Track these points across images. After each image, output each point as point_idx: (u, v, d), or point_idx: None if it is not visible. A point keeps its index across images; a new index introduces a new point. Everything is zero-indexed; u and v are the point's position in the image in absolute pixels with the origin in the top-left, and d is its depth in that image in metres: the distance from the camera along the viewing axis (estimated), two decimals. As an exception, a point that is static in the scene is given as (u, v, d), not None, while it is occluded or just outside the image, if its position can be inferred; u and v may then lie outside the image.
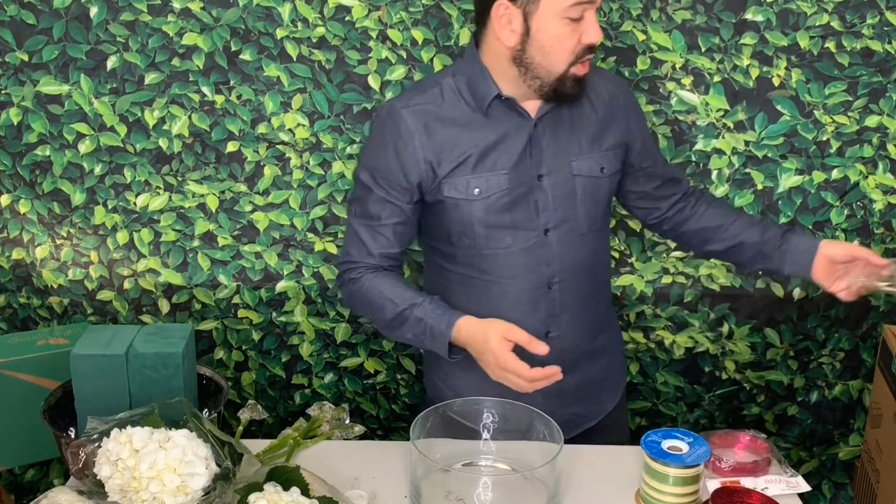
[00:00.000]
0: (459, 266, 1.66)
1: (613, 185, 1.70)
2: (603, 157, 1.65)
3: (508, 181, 1.59)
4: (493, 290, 1.64)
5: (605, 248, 1.77)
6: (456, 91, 1.61)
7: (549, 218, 1.62)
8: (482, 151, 1.59)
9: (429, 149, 1.59)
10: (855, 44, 1.94)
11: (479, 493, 1.40)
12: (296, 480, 1.38)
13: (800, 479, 1.55)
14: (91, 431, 1.41)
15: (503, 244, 1.61)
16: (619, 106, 1.69)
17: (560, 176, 1.62)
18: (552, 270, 1.63)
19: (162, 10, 1.93)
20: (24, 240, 2.08)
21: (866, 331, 2.16)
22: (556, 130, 1.62)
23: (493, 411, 1.56)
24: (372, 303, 1.63)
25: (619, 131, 1.68)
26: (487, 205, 1.59)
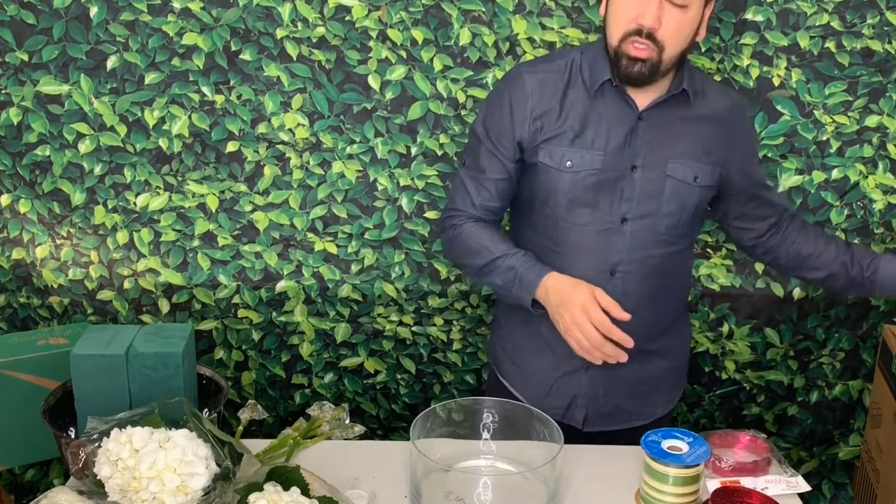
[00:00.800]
0: (537, 234, 1.72)
1: (704, 198, 1.69)
2: (700, 167, 1.66)
3: (602, 162, 1.64)
4: (562, 264, 1.66)
5: (683, 256, 1.76)
6: (579, 68, 1.67)
7: (629, 208, 1.65)
8: (584, 128, 1.64)
9: (538, 111, 1.66)
10: (855, 44, 1.94)
11: (479, 493, 1.40)
12: (296, 480, 1.38)
13: (800, 479, 1.55)
14: (91, 431, 1.41)
15: (580, 221, 1.66)
16: (730, 125, 1.70)
17: (653, 172, 1.64)
18: (619, 258, 1.66)
19: (162, 10, 1.93)
20: (24, 240, 2.08)
21: (866, 331, 2.16)
22: (661, 128, 1.65)
23: (493, 411, 1.56)
24: (469, 248, 1.70)
25: (723, 148, 1.68)
26: (575, 179, 1.64)
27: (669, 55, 1.56)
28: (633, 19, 1.54)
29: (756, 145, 1.84)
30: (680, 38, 1.56)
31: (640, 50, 1.55)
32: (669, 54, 1.56)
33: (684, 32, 1.56)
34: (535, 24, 1.94)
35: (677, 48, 1.57)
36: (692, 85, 1.66)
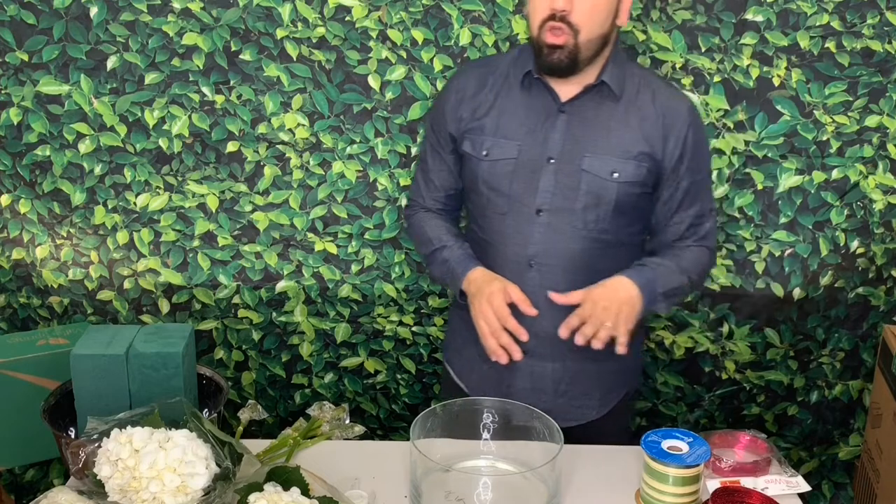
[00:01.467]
0: (471, 221, 1.79)
1: (625, 193, 1.64)
2: (621, 163, 1.63)
3: (518, 152, 1.66)
4: (489, 251, 1.72)
5: (622, 252, 1.70)
6: (512, 62, 1.71)
7: (544, 200, 1.65)
8: (505, 118, 1.68)
9: (466, 105, 1.72)
10: (855, 44, 1.94)
11: (479, 493, 1.40)
12: (296, 480, 1.38)
13: (800, 479, 1.55)
14: (91, 431, 1.41)
15: (500, 210, 1.68)
16: (667, 127, 1.64)
17: (569, 165, 1.64)
18: (535, 250, 1.67)
19: (162, 10, 1.93)
20: (24, 240, 2.08)
21: (866, 331, 2.16)
22: (583, 122, 1.64)
23: (493, 411, 1.56)
24: (417, 238, 1.83)
25: (653, 146, 1.64)
26: (492, 168, 1.68)
27: (586, 38, 1.56)
28: (547, 5, 1.55)
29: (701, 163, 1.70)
30: (595, 19, 1.55)
31: (557, 35, 1.56)
32: (586, 37, 1.56)
33: (599, 14, 1.56)
34: (535, 24, 1.94)
35: (593, 30, 1.56)
36: (619, 79, 1.64)
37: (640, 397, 2.21)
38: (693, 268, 1.71)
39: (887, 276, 2.12)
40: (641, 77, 1.68)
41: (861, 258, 2.08)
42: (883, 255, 2.09)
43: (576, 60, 1.58)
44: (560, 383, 1.74)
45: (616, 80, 1.64)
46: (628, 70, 1.67)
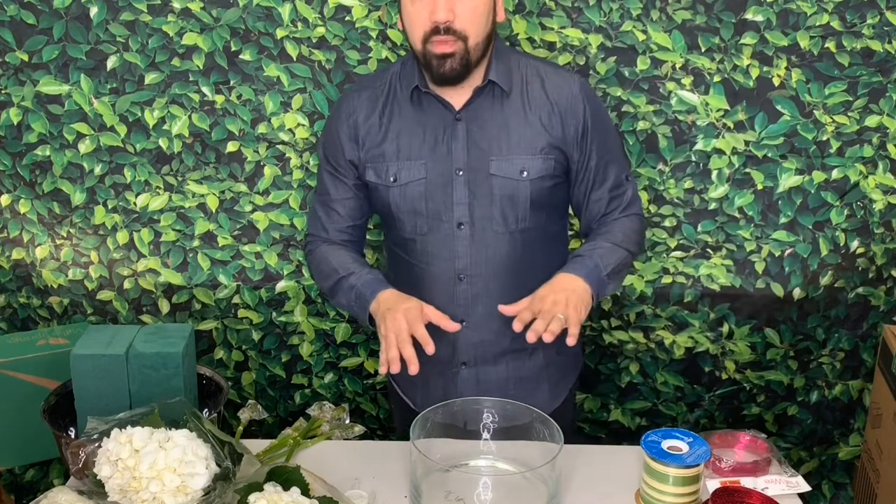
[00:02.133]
0: (393, 245, 1.76)
1: (538, 189, 1.64)
2: (527, 160, 1.62)
3: (426, 171, 1.64)
4: (416, 272, 1.70)
5: (544, 246, 1.71)
6: (398, 78, 1.67)
7: (462, 213, 1.64)
8: (404, 139, 1.65)
9: (361, 129, 1.67)
10: (855, 44, 1.94)
11: (479, 493, 1.40)
12: (296, 480, 1.38)
13: (800, 479, 1.55)
14: (91, 431, 1.41)
15: (420, 231, 1.67)
16: (564, 110, 1.64)
17: (478, 173, 1.63)
18: (463, 263, 1.66)
19: (162, 10, 1.93)
20: (24, 240, 2.08)
21: (866, 331, 2.16)
22: (483, 126, 1.62)
23: (493, 411, 1.56)
24: (321, 271, 1.73)
25: (556, 135, 1.63)
26: (403, 193, 1.65)
27: (475, 42, 1.55)
28: (427, 18, 1.52)
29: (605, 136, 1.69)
30: (478, 22, 1.54)
31: (445, 45, 1.53)
32: (474, 42, 1.55)
33: (481, 16, 1.54)
34: (535, 24, 1.94)
35: (480, 34, 1.55)
36: (505, 75, 1.62)
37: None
38: (627, 239, 1.69)
39: (887, 276, 2.12)
40: (527, 66, 1.66)
41: (861, 258, 2.08)
42: (883, 255, 2.09)
43: (468, 65, 1.57)
44: (508, 386, 1.73)
45: (503, 77, 1.62)
46: (513, 62, 1.65)
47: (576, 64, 1.97)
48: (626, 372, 2.19)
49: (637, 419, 2.24)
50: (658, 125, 2.00)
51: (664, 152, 2.01)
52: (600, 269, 1.61)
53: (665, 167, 2.03)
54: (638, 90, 1.98)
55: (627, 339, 2.15)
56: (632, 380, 2.20)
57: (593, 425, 2.26)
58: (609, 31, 1.95)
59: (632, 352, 2.17)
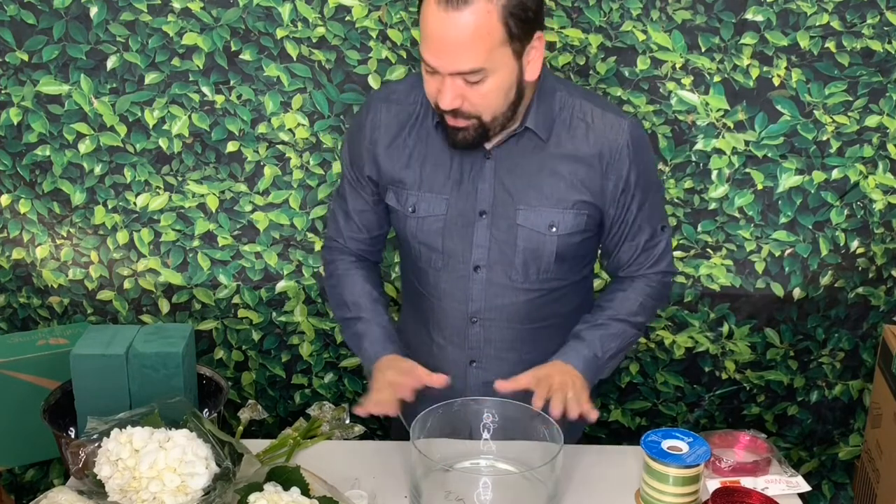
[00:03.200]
0: (409, 271, 1.68)
1: (569, 244, 1.54)
2: (559, 213, 1.51)
3: (447, 207, 1.54)
4: (427, 304, 1.63)
5: (565, 295, 1.62)
6: (426, 99, 1.49)
7: (481, 256, 1.55)
8: (428, 169, 1.54)
9: (381, 148, 1.56)
10: (855, 44, 1.94)
11: (479, 493, 1.40)
12: (296, 480, 1.38)
13: (800, 479, 1.55)
14: (91, 431, 1.41)
15: (436, 266, 1.59)
16: (607, 162, 1.50)
17: (503, 220, 1.53)
18: (476, 307, 1.59)
19: (162, 10, 1.93)
20: (24, 240, 2.08)
21: (866, 331, 2.16)
22: (513, 171, 1.51)
23: (493, 411, 1.56)
24: (333, 298, 1.69)
25: (592, 191, 1.51)
26: (421, 225, 1.56)
27: (491, 118, 1.42)
28: (435, 96, 1.40)
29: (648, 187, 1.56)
30: (490, 105, 1.40)
31: (456, 122, 1.42)
32: (490, 118, 1.41)
33: (495, 100, 1.39)
34: (535, 24, 1.94)
35: (496, 111, 1.41)
36: (546, 120, 1.49)
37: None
38: (642, 309, 1.61)
39: (887, 276, 2.12)
40: (572, 107, 1.51)
41: (861, 258, 2.08)
42: (883, 255, 2.09)
43: (485, 135, 1.44)
44: None
45: (542, 124, 1.49)
46: (557, 104, 1.50)
47: (576, 64, 1.97)
48: (626, 372, 2.19)
49: (637, 419, 2.24)
50: (658, 125, 2.00)
51: (664, 152, 2.01)
52: (599, 357, 1.56)
53: (665, 167, 2.03)
54: (638, 90, 1.98)
55: (627, 339, 2.15)
56: (632, 380, 2.20)
57: (593, 425, 2.25)
58: (609, 31, 1.95)
59: (632, 352, 2.17)
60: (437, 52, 1.35)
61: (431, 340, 1.66)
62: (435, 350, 1.66)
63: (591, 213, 1.53)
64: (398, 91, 1.59)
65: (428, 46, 1.36)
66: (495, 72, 1.36)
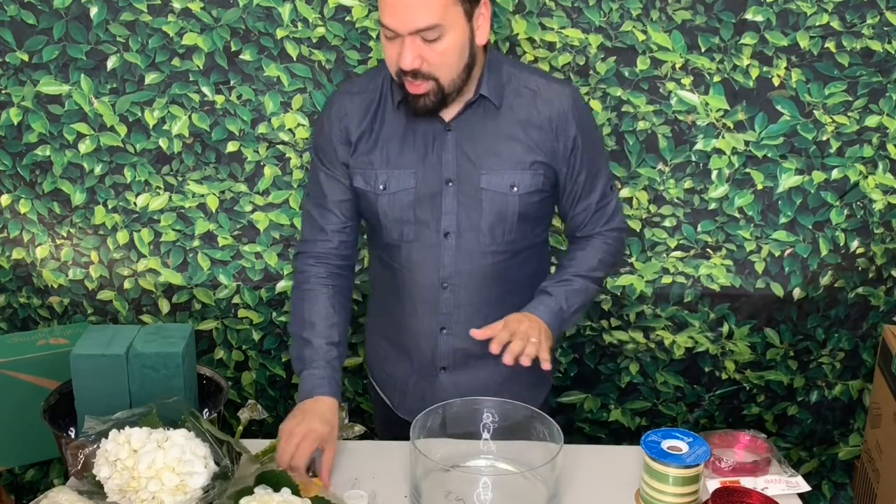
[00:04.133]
0: (378, 249, 1.75)
1: (527, 203, 1.64)
2: (518, 174, 1.62)
3: (415, 180, 1.64)
4: (399, 278, 1.71)
5: (527, 258, 1.72)
6: (389, 85, 1.64)
7: (450, 223, 1.64)
8: (393, 147, 1.64)
9: (352, 134, 1.66)
10: (855, 44, 1.94)
11: (479, 493, 1.40)
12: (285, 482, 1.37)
13: (800, 479, 1.55)
14: (88, 431, 1.41)
15: (407, 238, 1.67)
16: (555, 126, 1.63)
17: (468, 185, 1.63)
18: (447, 272, 1.66)
19: (162, 10, 1.93)
20: (24, 240, 2.08)
21: (866, 331, 2.16)
22: (473, 139, 1.62)
23: (493, 411, 1.56)
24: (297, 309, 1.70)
25: (546, 151, 1.63)
26: (392, 201, 1.65)
27: (448, 80, 1.53)
28: (396, 61, 1.51)
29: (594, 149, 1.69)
30: (448, 64, 1.52)
31: (416, 87, 1.53)
32: (447, 79, 1.53)
33: (451, 58, 1.51)
34: (535, 24, 1.94)
35: (452, 72, 1.53)
36: (497, 89, 1.61)
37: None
38: (602, 264, 1.72)
39: (887, 276, 2.12)
40: (520, 79, 1.64)
41: (861, 258, 2.08)
42: (883, 255, 2.09)
43: (443, 100, 1.55)
44: (485, 391, 1.68)
45: (494, 92, 1.61)
46: (505, 75, 1.63)
47: (576, 64, 1.97)
48: (626, 372, 2.19)
49: (637, 419, 2.24)
50: (658, 125, 2.00)
51: (664, 152, 2.01)
52: (564, 310, 1.65)
53: (665, 167, 2.03)
54: (638, 90, 1.98)
55: (627, 339, 2.15)
56: (632, 380, 2.20)
57: (593, 425, 2.26)
58: (609, 31, 1.95)
59: (632, 352, 2.17)
60: (396, 12, 1.47)
61: (403, 311, 1.72)
62: (407, 321, 1.72)
63: (546, 173, 1.65)
64: (358, 83, 1.73)
65: (386, 9, 1.48)
66: (450, 30, 1.48)
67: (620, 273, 2.10)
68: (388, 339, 1.80)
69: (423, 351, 1.72)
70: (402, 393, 1.80)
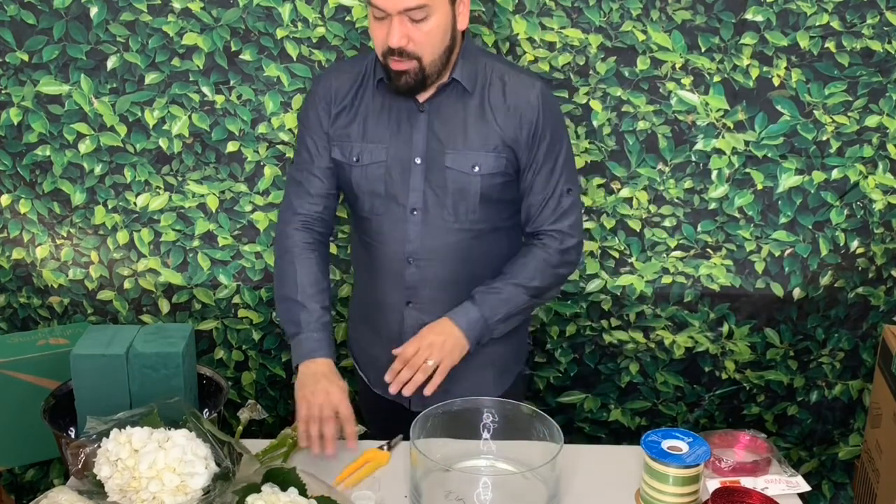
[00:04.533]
0: (355, 226, 1.81)
1: (489, 185, 1.69)
2: (481, 156, 1.68)
3: (386, 155, 1.70)
4: (370, 251, 1.77)
5: (493, 239, 1.76)
6: (373, 66, 1.71)
7: (417, 199, 1.70)
8: (370, 122, 1.71)
9: (334, 108, 1.73)
10: (855, 44, 1.94)
11: (479, 493, 1.40)
12: (292, 481, 1.37)
13: (800, 479, 1.55)
14: (90, 431, 1.41)
15: (377, 212, 1.73)
16: (521, 115, 1.68)
17: (435, 164, 1.69)
18: (412, 248, 1.72)
19: (162, 10, 1.93)
20: (24, 240, 2.08)
21: (866, 331, 2.16)
22: (444, 120, 1.69)
23: (493, 411, 1.56)
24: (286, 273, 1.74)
25: (509, 135, 1.68)
26: (365, 173, 1.72)
27: (429, 60, 1.60)
28: (384, 40, 1.58)
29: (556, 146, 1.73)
30: (432, 44, 1.59)
31: (399, 64, 1.60)
32: (429, 60, 1.60)
33: (435, 37, 1.59)
34: (535, 24, 1.95)
35: (435, 52, 1.60)
36: (470, 75, 1.67)
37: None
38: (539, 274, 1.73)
39: (887, 276, 2.12)
40: (492, 68, 1.70)
41: (861, 258, 2.08)
42: (883, 255, 2.09)
43: (423, 80, 1.62)
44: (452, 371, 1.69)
45: (467, 77, 1.67)
46: (480, 64, 1.69)
47: (576, 64, 1.97)
48: (626, 372, 2.19)
49: (637, 419, 2.24)
50: (658, 125, 2.00)
51: (664, 152, 2.01)
52: (486, 318, 1.68)
53: (665, 167, 2.03)
54: (638, 90, 1.98)
55: (627, 339, 2.15)
56: (632, 380, 2.20)
57: (593, 425, 2.26)
58: (609, 31, 1.95)
59: (632, 352, 2.17)
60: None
61: (373, 286, 1.78)
62: (376, 295, 1.78)
63: (509, 156, 1.70)
64: (347, 62, 1.85)
65: None
66: (435, 11, 1.57)
67: (621, 273, 2.10)
68: (363, 316, 1.85)
69: (390, 324, 1.77)
70: (375, 369, 1.82)
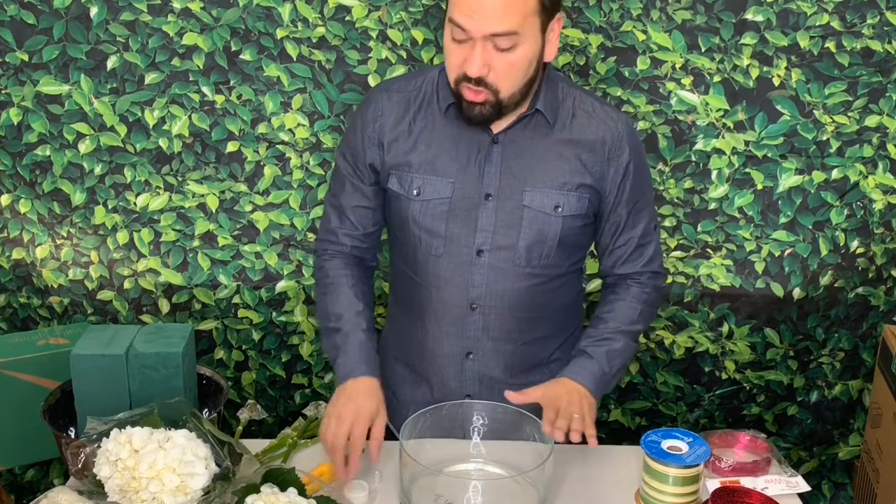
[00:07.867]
0: (401, 261, 1.65)
1: (570, 227, 1.56)
2: (563, 195, 1.54)
3: (452, 190, 1.54)
4: (423, 294, 1.61)
5: (561, 285, 1.63)
6: (435, 87, 1.56)
7: (485, 240, 1.55)
8: (434, 152, 1.55)
9: (388, 134, 1.57)
10: (855, 44, 1.94)
11: (469, 498, 1.39)
12: (292, 481, 1.37)
13: (800, 479, 1.55)
14: (90, 431, 1.41)
15: (436, 252, 1.57)
16: (608, 150, 1.55)
17: (509, 201, 1.54)
18: (478, 293, 1.58)
19: (162, 10, 1.93)
20: (24, 240, 2.08)
21: (866, 331, 2.16)
22: (520, 154, 1.54)
23: (484, 414, 1.55)
24: (322, 303, 1.65)
25: (594, 175, 1.55)
26: (425, 208, 1.56)
27: (508, 94, 1.45)
28: (460, 66, 1.42)
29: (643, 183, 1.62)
30: (514, 76, 1.43)
31: (475, 94, 1.43)
32: (507, 94, 1.44)
33: (519, 71, 1.43)
34: (535, 24, 1.94)
35: (514, 86, 1.44)
36: (553, 105, 1.53)
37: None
38: (642, 316, 1.63)
39: (887, 276, 2.12)
40: (575, 98, 1.56)
41: (861, 258, 2.08)
42: (883, 255, 2.09)
43: (499, 111, 1.47)
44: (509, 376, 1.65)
45: (550, 108, 1.53)
46: (561, 92, 1.56)
47: (576, 64, 1.97)
48: (626, 372, 2.19)
49: (637, 419, 2.24)
50: (658, 125, 2.00)
51: (664, 152, 2.01)
52: (606, 374, 1.55)
53: (665, 167, 2.03)
54: (638, 90, 1.98)
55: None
56: (632, 380, 2.20)
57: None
58: (609, 31, 1.95)
59: (632, 352, 2.17)
60: (473, 12, 1.36)
61: (426, 333, 1.63)
62: (430, 343, 1.63)
63: (592, 198, 1.57)
64: (398, 82, 1.63)
65: (462, 7, 1.38)
66: (524, 41, 1.40)
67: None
68: (405, 364, 1.70)
69: (445, 377, 1.63)
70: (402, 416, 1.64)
